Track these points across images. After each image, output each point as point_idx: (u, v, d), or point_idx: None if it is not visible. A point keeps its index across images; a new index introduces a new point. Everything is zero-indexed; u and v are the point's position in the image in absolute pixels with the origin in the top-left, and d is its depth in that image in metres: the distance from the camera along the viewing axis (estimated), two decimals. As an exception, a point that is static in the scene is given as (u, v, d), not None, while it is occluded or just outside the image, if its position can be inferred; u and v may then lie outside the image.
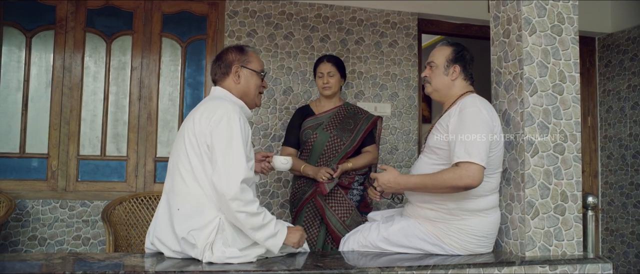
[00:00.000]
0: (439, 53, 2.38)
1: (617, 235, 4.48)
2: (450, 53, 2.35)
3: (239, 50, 2.32)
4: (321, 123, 3.10)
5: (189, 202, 2.06)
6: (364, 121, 3.13)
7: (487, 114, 2.18)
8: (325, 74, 3.10)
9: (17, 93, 3.54)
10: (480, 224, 2.22)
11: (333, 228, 2.94)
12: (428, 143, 2.35)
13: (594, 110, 4.73)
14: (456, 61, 2.34)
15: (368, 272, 1.94)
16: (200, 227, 2.02)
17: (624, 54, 4.49)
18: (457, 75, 2.34)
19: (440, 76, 2.35)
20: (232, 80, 2.27)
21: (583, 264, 2.18)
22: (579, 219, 2.33)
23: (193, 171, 2.07)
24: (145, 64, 3.72)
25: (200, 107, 2.17)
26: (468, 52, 2.39)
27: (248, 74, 2.29)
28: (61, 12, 3.62)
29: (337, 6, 4.00)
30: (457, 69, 2.34)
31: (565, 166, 2.32)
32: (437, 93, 2.39)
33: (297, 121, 3.17)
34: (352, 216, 2.98)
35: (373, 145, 3.15)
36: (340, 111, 3.15)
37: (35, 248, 3.47)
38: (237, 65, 2.27)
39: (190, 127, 2.11)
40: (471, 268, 2.05)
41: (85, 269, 1.85)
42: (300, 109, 3.26)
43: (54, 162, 3.55)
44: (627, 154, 4.42)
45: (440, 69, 2.35)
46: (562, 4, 2.37)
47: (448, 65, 2.34)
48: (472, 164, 2.06)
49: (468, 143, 2.09)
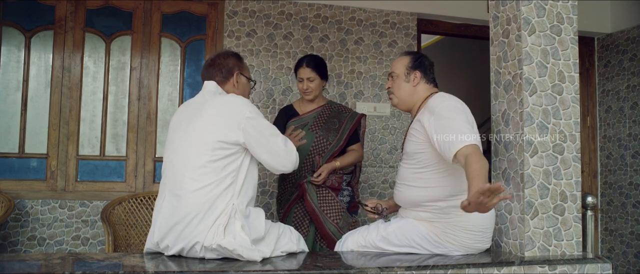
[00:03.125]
0: (398, 63, 2.43)
1: (616, 235, 4.48)
2: (408, 61, 2.41)
3: (237, 57, 2.44)
4: (306, 124, 3.06)
5: (200, 203, 2.07)
6: (349, 119, 3.11)
7: (461, 106, 2.20)
8: (305, 80, 3.04)
9: (16, 93, 3.54)
10: (476, 219, 2.21)
11: (327, 231, 2.92)
12: (405, 150, 2.37)
13: (593, 110, 4.73)
14: (416, 68, 2.39)
15: (367, 272, 1.94)
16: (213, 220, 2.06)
17: (623, 54, 4.49)
18: (419, 80, 2.38)
19: (402, 85, 2.39)
20: (232, 84, 2.37)
21: (582, 264, 2.18)
22: (578, 219, 2.33)
23: (202, 169, 2.09)
24: (145, 64, 3.72)
25: (210, 105, 2.20)
26: (427, 58, 2.44)
27: (244, 81, 2.43)
28: (60, 12, 3.62)
29: (337, 6, 4.00)
30: (418, 74, 2.38)
31: (565, 166, 2.32)
32: (403, 103, 2.42)
33: (281, 121, 3.11)
34: (344, 218, 2.97)
35: (358, 143, 3.13)
36: (324, 110, 3.11)
37: (34, 248, 3.47)
38: (237, 71, 2.39)
39: (204, 122, 2.15)
40: (470, 267, 2.05)
41: (85, 269, 1.85)
42: (284, 110, 3.21)
43: (53, 162, 3.55)
44: (627, 154, 4.42)
45: (400, 78, 2.40)
46: (562, 4, 2.37)
47: (408, 72, 2.39)
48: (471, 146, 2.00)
49: (458, 131, 2.05)
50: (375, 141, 4.01)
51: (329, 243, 2.91)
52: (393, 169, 4.00)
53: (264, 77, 3.85)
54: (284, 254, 2.23)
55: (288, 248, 2.27)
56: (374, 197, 3.97)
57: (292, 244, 2.30)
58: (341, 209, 2.98)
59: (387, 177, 4.00)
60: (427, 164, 2.24)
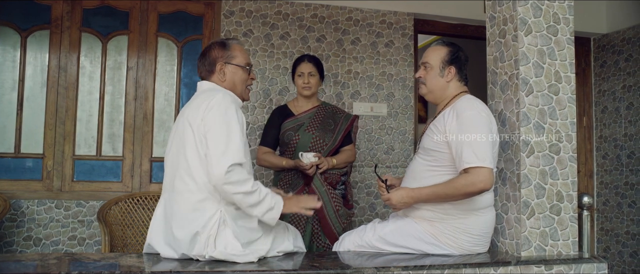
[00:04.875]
0: (434, 54, 2.35)
1: (612, 235, 4.50)
2: (446, 54, 2.33)
3: (221, 45, 2.28)
4: (302, 124, 3.10)
5: (189, 202, 2.04)
6: (343, 120, 3.16)
7: (486, 116, 2.19)
8: (306, 74, 3.10)
9: (12, 93, 3.53)
10: (476, 223, 2.23)
11: (326, 215, 2.95)
12: (423, 144, 2.34)
13: (589, 110, 4.75)
14: (452, 63, 2.32)
15: (364, 272, 1.95)
16: (201, 226, 2.01)
17: (619, 55, 4.51)
18: (453, 76, 2.33)
19: (435, 78, 2.33)
20: (218, 78, 2.25)
21: (578, 264, 2.19)
22: (575, 219, 2.34)
23: (190, 167, 2.05)
24: (141, 64, 3.71)
25: (194, 102, 2.16)
26: (463, 53, 2.37)
27: (233, 69, 2.26)
28: (57, 11, 3.61)
29: (333, 6, 4.00)
30: (453, 70, 2.32)
31: (561, 166, 2.32)
32: (431, 95, 2.38)
33: (276, 122, 3.15)
34: (343, 208, 3.03)
35: (351, 144, 3.20)
36: (319, 110, 3.15)
37: (30, 248, 3.46)
38: (221, 62, 2.24)
39: (185, 122, 2.10)
40: (467, 267, 2.06)
41: (81, 269, 1.84)
42: (278, 109, 3.23)
43: (49, 162, 3.54)
44: (622, 154, 4.43)
45: (435, 70, 2.33)
46: (558, 5, 2.38)
47: (443, 66, 2.32)
48: (482, 168, 2.07)
49: (474, 147, 2.08)
50: (372, 141, 4.01)
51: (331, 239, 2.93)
52: (390, 170, 4.00)
53: (261, 77, 3.84)
54: (281, 254, 2.22)
55: (285, 246, 2.24)
56: (370, 197, 3.97)
57: (288, 243, 2.28)
58: (340, 200, 3.04)
59: (383, 178, 4.00)
60: (442, 163, 2.22)
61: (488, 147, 2.11)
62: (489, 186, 2.09)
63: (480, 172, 2.07)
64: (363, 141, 3.97)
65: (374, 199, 3.97)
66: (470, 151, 2.08)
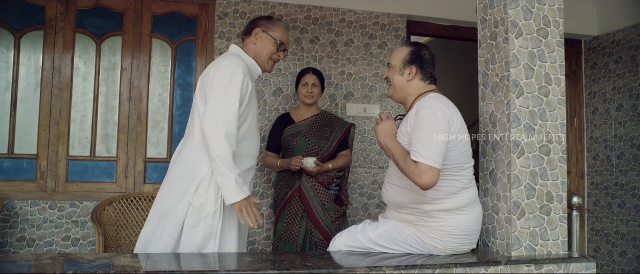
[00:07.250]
0: (397, 55, 2.37)
1: (603, 235, 4.54)
2: (407, 54, 2.33)
3: (267, 18, 2.57)
4: (301, 131, 3.41)
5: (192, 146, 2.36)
6: (339, 128, 3.46)
7: (441, 115, 2.14)
8: (309, 85, 3.45)
9: (5, 94, 3.53)
10: (460, 224, 2.22)
11: (313, 209, 3.26)
12: None
13: (580, 112, 4.79)
14: (412, 62, 2.32)
15: (356, 272, 1.97)
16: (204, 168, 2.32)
17: (609, 57, 4.56)
18: (414, 76, 2.32)
19: (397, 77, 2.34)
20: (251, 41, 2.51)
21: (568, 264, 2.22)
22: (564, 220, 2.37)
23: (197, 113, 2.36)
24: (136, 65, 3.72)
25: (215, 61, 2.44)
26: (428, 52, 2.35)
27: (266, 39, 2.50)
28: (51, 12, 3.61)
29: (327, 8, 4.03)
30: (414, 70, 2.31)
31: (551, 167, 2.35)
32: (396, 95, 2.39)
33: (279, 129, 3.48)
34: (331, 202, 3.32)
35: (347, 150, 3.51)
36: (317, 119, 3.47)
37: (23, 249, 3.46)
38: (259, 29, 2.50)
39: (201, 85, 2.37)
40: (458, 267, 2.08)
41: (76, 269, 1.85)
42: (281, 118, 3.56)
43: (43, 163, 3.54)
44: (613, 155, 4.48)
45: (396, 70, 2.34)
46: (549, 8, 2.41)
47: (404, 66, 2.32)
48: (427, 166, 2.05)
49: (423, 145, 2.08)
50: (365, 142, 4.04)
51: (321, 233, 3.27)
52: (382, 171, 4.03)
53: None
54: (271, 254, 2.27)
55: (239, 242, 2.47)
56: (363, 197, 4.00)
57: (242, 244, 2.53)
58: (329, 197, 3.33)
59: (377, 178, 4.03)
60: None
61: (438, 146, 2.08)
62: (431, 185, 2.06)
63: (423, 168, 2.05)
64: (356, 142, 3.99)
65: (367, 200, 4.00)
66: (419, 147, 2.08)
